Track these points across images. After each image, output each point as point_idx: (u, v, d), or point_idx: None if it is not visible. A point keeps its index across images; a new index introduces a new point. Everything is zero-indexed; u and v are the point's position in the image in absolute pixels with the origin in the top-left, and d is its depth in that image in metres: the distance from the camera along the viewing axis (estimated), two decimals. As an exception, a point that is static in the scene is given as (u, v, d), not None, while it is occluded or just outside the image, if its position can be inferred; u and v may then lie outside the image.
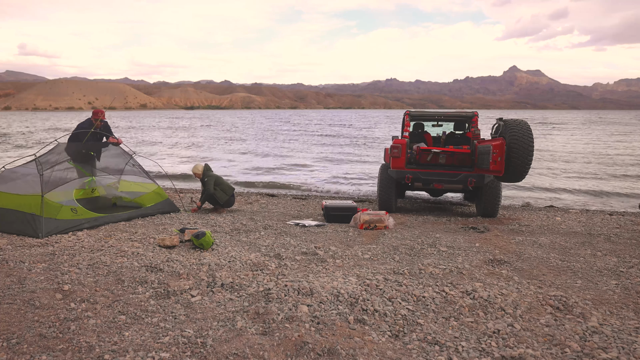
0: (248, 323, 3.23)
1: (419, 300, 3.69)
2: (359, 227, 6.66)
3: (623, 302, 3.79)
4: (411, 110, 9.22)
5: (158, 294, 3.75)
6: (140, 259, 4.61)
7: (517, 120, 7.17)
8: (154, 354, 2.77)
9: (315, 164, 18.95)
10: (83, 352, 2.79)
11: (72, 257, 4.62)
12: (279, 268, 4.52)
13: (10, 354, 2.74)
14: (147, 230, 6.06)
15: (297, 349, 2.86)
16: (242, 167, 18.04)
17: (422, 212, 8.84)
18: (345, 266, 4.67)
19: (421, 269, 4.54)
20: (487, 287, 4.02)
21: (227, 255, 4.85)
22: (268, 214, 7.96)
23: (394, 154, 8.03)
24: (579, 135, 37.48)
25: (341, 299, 3.62)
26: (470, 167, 8.18)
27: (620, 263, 5.02)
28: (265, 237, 5.94)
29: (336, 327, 3.18)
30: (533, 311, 3.54)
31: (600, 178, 15.06)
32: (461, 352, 2.88)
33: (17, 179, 6.16)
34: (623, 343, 3.00)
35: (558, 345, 2.98)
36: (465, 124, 9.47)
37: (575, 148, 25.67)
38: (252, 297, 3.69)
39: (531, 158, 6.90)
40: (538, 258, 5.14)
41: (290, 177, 15.30)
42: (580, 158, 20.73)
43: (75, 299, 3.56)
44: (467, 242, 5.84)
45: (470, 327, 3.27)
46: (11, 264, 4.34)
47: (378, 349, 2.91)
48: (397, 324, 3.26)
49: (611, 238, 6.39)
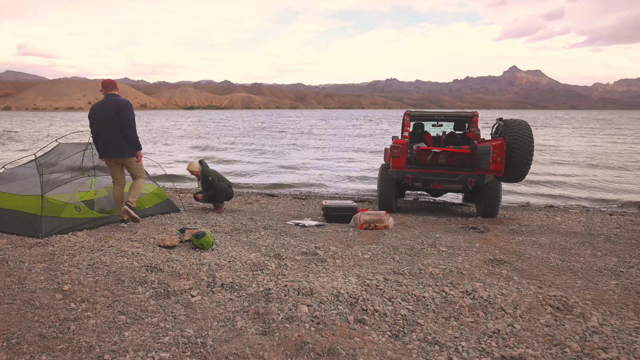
0: (248, 323, 3.23)
1: (419, 300, 3.69)
2: (359, 227, 6.66)
3: (623, 302, 3.79)
4: (411, 110, 9.23)
5: (158, 294, 3.75)
6: (140, 259, 4.61)
7: (517, 120, 7.18)
8: (154, 354, 2.77)
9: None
10: (83, 352, 2.79)
11: (72, 257, 4.62)
12: (279, 268, 4.52)
13: (10, 354, 2.74)
14: (147, 230, 6.06)
15: (297, 349, 2.86)
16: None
17: (422, 212, 8.84)
18: (345, 266, 4.67)
19: (421, 269, 4.54)
20: (487, 287, 4.02)
21: (227, 255, 4.85)
22: (268, 214, 7.96)
23: (394, 154, 8.04)
24: (578, 136, 37.51)
25: (341, 299, 3.62)
26: (470, 167, 8.18)
27: (620, 263, 5.02)
28: (265, 237, 5.94)
29: (336, 327, 3.18)
30: (533, 311, 3.54)
31: (600, 178, 15.05)
32: (461, 352, 2.88)
33: (17, 179, 6.17)
34: (623, 343, 3.00)
35: (558, 345, 2.98)
36: (465, 124, 9.48)
37: (574, 148, 25.67)
38: (252, 297, 3.69)
39: (531, 158, 6.91)
40: (538, 258, 5.14)
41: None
42: (580, 158, 20.73)
43: (75, 299, 3.56)
44: (467, 242, 5.84)
45: (470, 327, 3.27)
46: (11, 264, 4.34)
47: (378, 349, 2.91)
48: (397, 324, 3.26)
49: (611, 238, 6.39)
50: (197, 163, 8.01)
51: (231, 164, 19.18)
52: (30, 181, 5.99)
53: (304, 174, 15.97)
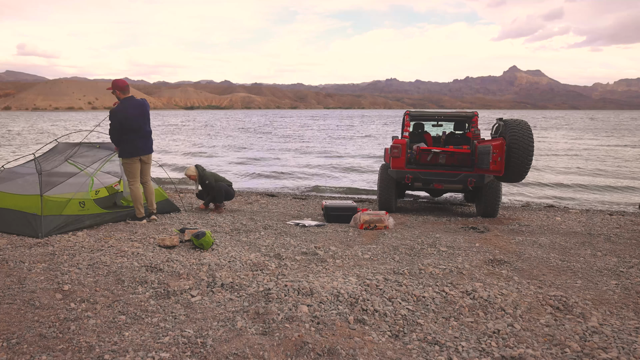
0: (248, 323, 3.23)
1: (419, 300, 3.69)
2: (359, 227, 6.66)
3: (623, 302, 3.79)
4: (411, 110, 9.23)
5: (158, 294, 3.75)
6: (140, 259, 4.61)
7: (517, 120, 7.18)
8: (154, 354, 2.77)
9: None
10: (83, 352, 2.79)
11: (72, 257, 4.62)
12: (279, 268, 4.52)
13: (10, 354, 2.74)
14: (147, 230, 6.06)
15: (297, 349, 2.86)
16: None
17: (422, 212, 8.84)
18: (345, 266, 4.67)
19: (421, 269, 4.54)
20: (487, 287, 4.02)
21: (227, 255, 4.85)
22: (268, 214, 7.96)
23: (394, 154, 8.04)
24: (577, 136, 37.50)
25: (341, 299, 3.62)
26: (470, 167, 8.19)
27: (620, 263, 5.02)
28: (265, 237, 5.94)
29: (336, 327, 3.18)
30: (533, 311, 3.54)
31: (601, 178, 15.05)
32: (461, 352, 2.88)
33: (17, 179, 6.15)
34: (623, 343, 3.00)
35: (558, 345, 2.98)
36: (465, 124, 9.48)
37: (574, 148, 25.67)
38: (252, 297, 3.69)
39: (531, 158, 6.92)
40: (538, 258, 5.14)
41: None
42: (580, 157, 20.73)
43: (75, 299, 3.56)
44: (467, 242, 5.84)
45: (470, 327, 3.27)
46: (11, 264, 4.34)
47: (378, 349, 2.91)
48: (397, 324, 3.26)
49: (611, 238, 6.38)
50: (194, 167, 8.01)
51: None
52: (29, 181, 5.98)
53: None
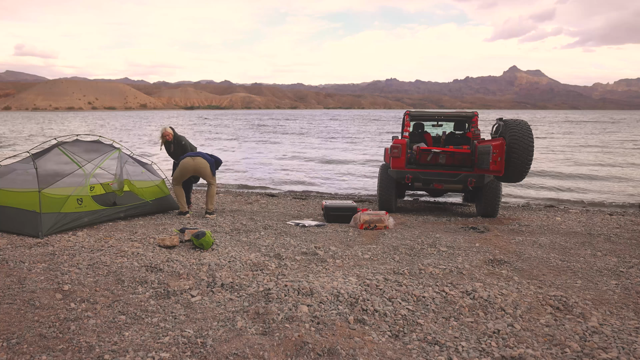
0: (248, 323, 3.23)
1: (419, 300, 3.69)
2: (359, 227, 6.66)
3: (623, 302, 3.79)
4: (411, 110, 9.23)
5: (158, 294, 3.75)
6: (140, 259, 4.61)
7: (517, 120, 7.17)
8: (154, 354, 2.77)
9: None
10: (83, 352, 2.79)
11: (72, 257, 4.62)
12: (279, 268, 4.52)
13: (10, 354, 2.74)
14: (147, 230, 6.06)
15: (297, 349, 2.86)
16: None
17: (422, 212, 8.84)
18: (345, 266, 4.67)
19: (421, 269, 4.54)
20: (487, 287, 4.02)
21: (227, 255, 4.85)
22: (268, 214, 7.96)
23: (394, 154, 8.04)
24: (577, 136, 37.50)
25: (341, 299, 3.62)
26: (470, 167, 8.18)
27: (620, 263, 5.02)
28: (265, 237, 5.94)
29: (336, 327, 3.18)
30: (533, 311, 3.54)
31: (601, 178, 15.05)
32: (461, 352, 2.88)
33: (13, 175, 6.09)
34: (623, 343, 3.00)
35: (558, 345, 2.98)
36: (465, 124, 9.48)
37: (573, 147, 25.66)
38: (252, 297, 3.69)
39: (531, 158, 6.91)
40: (538, 258, 5.14)
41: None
42: (580, 157, 20.72)
43: (75, 299, 3.56)
44: (467, 242, 5.84)
45: (470, 327, 3.27)
46: (11, 264, 4.34)
47: (378, 349, 2.91)
48: (397, 324, 3.26)
49: (611, 238, 6.38)
50: (169, 128, 7.91)
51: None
52: (26, 176, 5.92)
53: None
